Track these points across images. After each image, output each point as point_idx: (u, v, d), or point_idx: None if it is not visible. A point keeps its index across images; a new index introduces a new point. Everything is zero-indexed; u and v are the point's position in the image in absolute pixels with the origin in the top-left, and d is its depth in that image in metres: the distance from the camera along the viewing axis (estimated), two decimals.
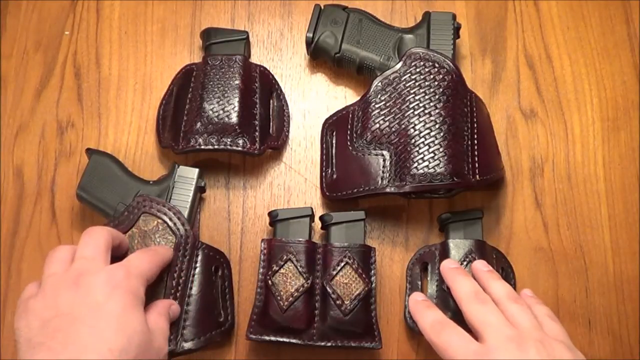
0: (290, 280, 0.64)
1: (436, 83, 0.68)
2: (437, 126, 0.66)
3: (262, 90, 0.73)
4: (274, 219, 0.68)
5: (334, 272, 0.65)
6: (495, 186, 0.73)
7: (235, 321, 0.68)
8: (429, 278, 0.68)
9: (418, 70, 0.69)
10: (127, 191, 0.67)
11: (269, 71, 0.76)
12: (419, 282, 0.69)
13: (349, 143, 0.70)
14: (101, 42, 0.79)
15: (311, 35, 0.74)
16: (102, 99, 0.76)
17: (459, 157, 0.66)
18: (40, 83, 0.76)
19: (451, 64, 0.69)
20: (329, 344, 0.64)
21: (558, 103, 0.77)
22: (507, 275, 0.69)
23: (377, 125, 0.69)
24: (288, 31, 0.80)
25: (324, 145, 0.73)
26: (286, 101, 0.76)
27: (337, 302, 0.64)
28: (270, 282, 0.64)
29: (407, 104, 0.68)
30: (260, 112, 0.72)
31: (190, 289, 0.64)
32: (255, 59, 0.78)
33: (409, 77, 0.69)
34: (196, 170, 0.69)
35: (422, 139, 0.66)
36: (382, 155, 0.68)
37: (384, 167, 0.67)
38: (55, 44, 0.78)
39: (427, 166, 0.65)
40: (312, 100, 0.77)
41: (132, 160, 0.73)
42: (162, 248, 0.63)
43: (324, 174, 0.72)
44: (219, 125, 0.69)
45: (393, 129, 0.68)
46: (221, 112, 0.69)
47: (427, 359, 0.67)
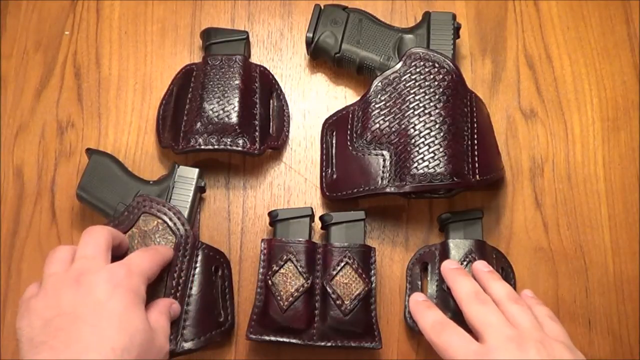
0: (290, 280, 0.64)
1: (436, 83, 0.68)
2: (437, 126, 0.66)
3: (262, 90, 0.73)
4: (274, 219, 0.68)
5: (334, 272, 0.65)
6: (495, 186, 0.73)
7: (235, 321, 0.68)
8: (429, 278, 0.68)
9: (418, 70, 0.69)
10: (127, 191, 0.67)
11: (269, 71, 0.76)
12: (419, 282, 0.69)
13: (349, 143, 0.70)
14: (101, 42, 0.78)
15: (311, 35, 0.74)
16: (102, 99, 0.76)
17: (459, 157, 0.66)
18: (40, 83, 0.76)
19: (451, 64, 0.69)
20: (329, 344, 0.64)
21: (558, 103, 0.77)
22: (507, 275, 0.69)
23: (377, 125, 0.69)
24: (288, 31, 0.80)
25: (324, 145, 0.73)
26: (286, 101, 0.76)
27: (337, 302, 0.64)
28: (270, 282, 0.64)
29: (407, 104, 0.68)
30: (260, 112, 0.72)
31: (190, 289, 0.64)
32: (255, 59, 0.78)
33: (409, 77, 0.69)
34: (196, 170, 0.69)
35: (422, 139, 0.66)
36: (382, 155, 0.68)
37: (384, 167, 0.67)
38: (55, 44, 0.78)
39: (427, 166, 0.65)
40: (312, 100, 0.77)
41: (132, 160, 0.73)
42: (162, 247, 0.63)
43: (324, 174, 0.72)
44: (219, 125, 0.69)
45: (393, 129, 0.68)
46: (221, 112, 0.69)
47: (427, 359, 0.67)
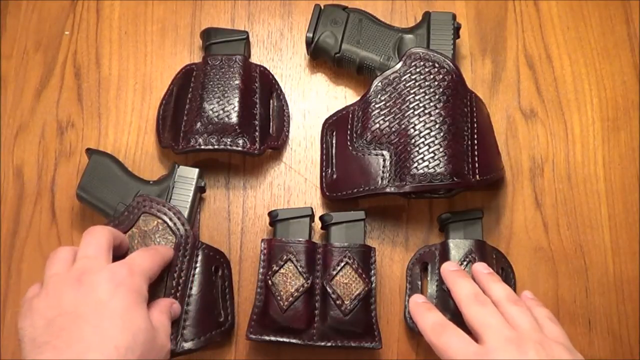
0: (290, 280, 0.64)
1: (436, 83, 0.68)
2: (437, 126, 0.66)
3: (262, 90, 0.73)
4: (274, 219, 0.68)
5: (334, 272, 0.65)
6: (495, 186, 0.73)
7: (235, 321, 0.68)
8: (429, 278, 0.68)
9: (418, 70, 0.69)
10: (127, 191, 0.67)
11: (269, 71, 0.76)
12: (419, 282, 0.69)
13: (349, 143, 0.70)
14: (101, 42, 0.78)
15: (311, 35, 0.74)
16: (102, 99, 0.76)
17: (459, 157, 0.66)
18: (40, 83, 0.76)
19: (451, 64, 0.69)
20: (329, 344, 0.64)
21: (558, 103, 0.77)
22: (507, 276, 0.69)
23: (377, 125, 0.69)
24: (288, 31, 0.80)
25: (324, 145, 0.73)
26: (286, 101, 0.76)
27: (337, 302, 0.64)
28: (270, 282, 0.64)
29: (407, 104, 0.68)
30: (260, 112, 0.72)
31: (190, 289, 0.64)
32: (255, 59, 0.78)
33: (409, 77, 0.69)
34: (196, 170, 0.69)
35: (422, 139, 0.66)
36: (382, 155, 0.68)
37: (384, 167, 0.67)
38: (55, 44, 0.78)
39: (427, 166, 0.65)
40: (312, 100, 0.77)
41: (132, 160, 0.73)
42: (163, 247, 0.63)
43: (324, 174, 0.72)
44: (219, 125, 0.69)
45: (393, 129, 0.68)
46: (221, 112, 0.69)
47: (427, 359, 0.67)
